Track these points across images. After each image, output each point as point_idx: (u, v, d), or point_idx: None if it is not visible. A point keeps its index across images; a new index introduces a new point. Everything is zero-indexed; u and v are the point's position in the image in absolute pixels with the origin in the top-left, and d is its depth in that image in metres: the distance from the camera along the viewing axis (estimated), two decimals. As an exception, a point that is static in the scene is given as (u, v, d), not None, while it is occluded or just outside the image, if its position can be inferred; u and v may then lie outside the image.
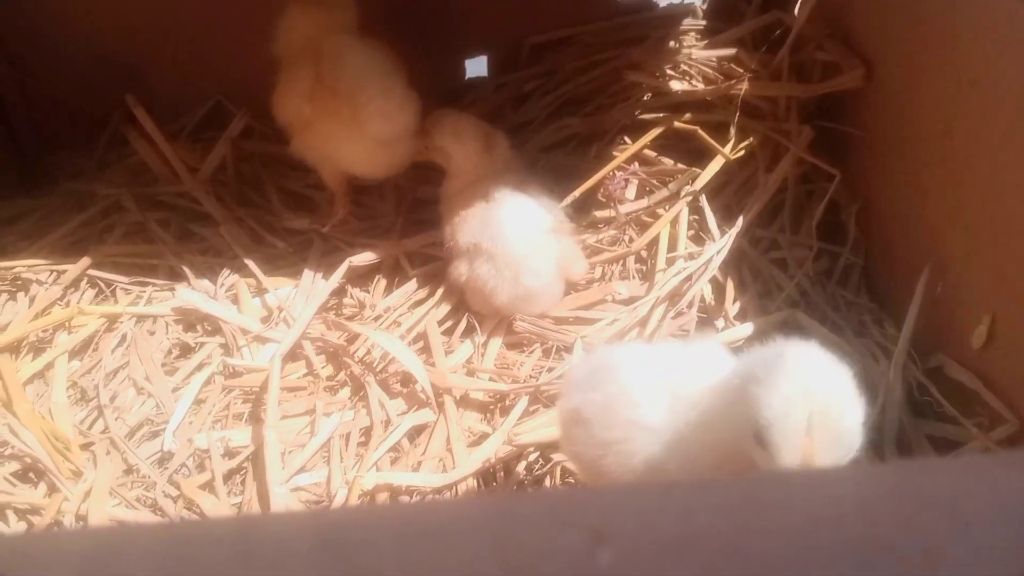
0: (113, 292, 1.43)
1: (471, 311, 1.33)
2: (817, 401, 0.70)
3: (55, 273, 1.43)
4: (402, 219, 1.52)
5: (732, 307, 1.24)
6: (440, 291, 1.37)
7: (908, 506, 0.32)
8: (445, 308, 1.35)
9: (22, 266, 1.44)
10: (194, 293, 1.38)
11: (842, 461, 0.68)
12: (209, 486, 1.16)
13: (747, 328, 1.19)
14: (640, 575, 0.31)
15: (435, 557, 0.32)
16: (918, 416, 1.10)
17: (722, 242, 1.31)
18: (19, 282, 1.43)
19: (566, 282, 1.34)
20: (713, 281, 1.29)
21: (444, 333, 1.33)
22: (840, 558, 0.31)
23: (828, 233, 1.36)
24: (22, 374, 1.28)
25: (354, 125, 1.33)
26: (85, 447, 1.20)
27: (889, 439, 1.08)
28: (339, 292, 1.40)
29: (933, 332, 1.14)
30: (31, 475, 1.18)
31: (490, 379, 1.24)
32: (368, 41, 1.35)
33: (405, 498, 1.12)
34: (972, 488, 0.33)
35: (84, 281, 1.44)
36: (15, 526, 1.10)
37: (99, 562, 0.33)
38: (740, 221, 1.34)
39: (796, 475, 0.38)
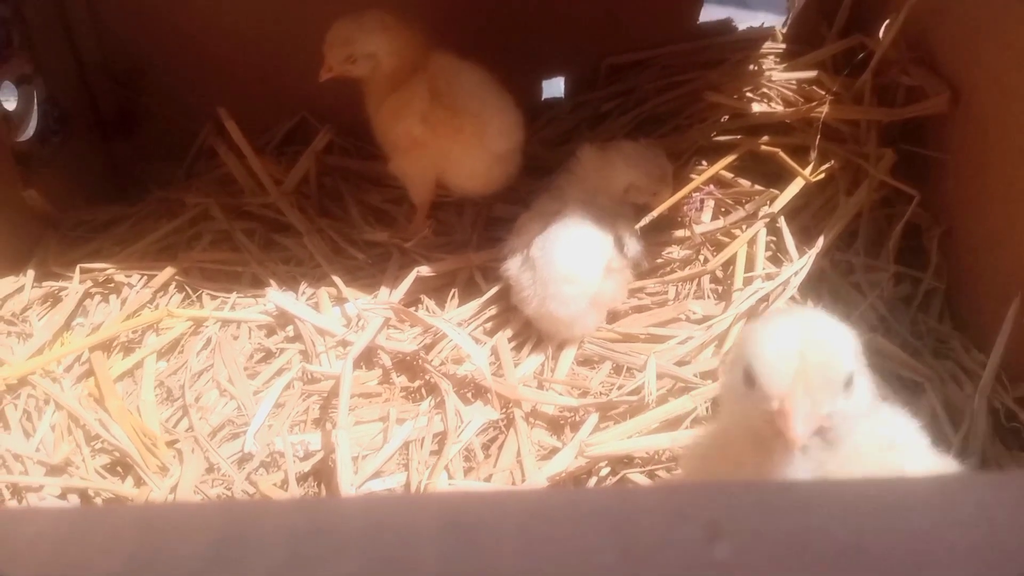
0: (199, 297, 1.48)
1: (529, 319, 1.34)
2: (806, 338, 0.69)
3: (145, 277, 1.50)
4: (477, 235, 1.54)
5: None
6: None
7: (1028, 514, 0.32)
8: (518, 323, 1.36)
9: (115, 269, 1.50)
10: (284, 296, 1.42)
11: (832, 398, 0.67)
12: (284, 486, 1.19)
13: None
14: (757, 570, 0.32)
15: (554, 542, 0.33)
16: (1005, 447, 1.07)
17: (801, 262, 1.29)
18: (112, 284, 1.50)
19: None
20: (792, 303, 1.27)
21: (515, 349, 1.34)
22: (959, 561, 0.31)
23: (911, 258, 1.34)
24: (113, 372, 1.34)
25: (475, 141, 1.37)
26: (170, 444, 1.25)
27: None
28: (414, 304, 1.42)
29: (1019, 362, 1.11)
30: (119, 468, 1.23)
31: (560, 394, 1.25)
32: (469, 61, 1.39)
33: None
34: (1094, 499, 0.33)
35: (172, 285, 1.49)
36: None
37: (236, 532, 0.35)
38: (820, 242, 1.32)
39: (915, 479, 0.38)
